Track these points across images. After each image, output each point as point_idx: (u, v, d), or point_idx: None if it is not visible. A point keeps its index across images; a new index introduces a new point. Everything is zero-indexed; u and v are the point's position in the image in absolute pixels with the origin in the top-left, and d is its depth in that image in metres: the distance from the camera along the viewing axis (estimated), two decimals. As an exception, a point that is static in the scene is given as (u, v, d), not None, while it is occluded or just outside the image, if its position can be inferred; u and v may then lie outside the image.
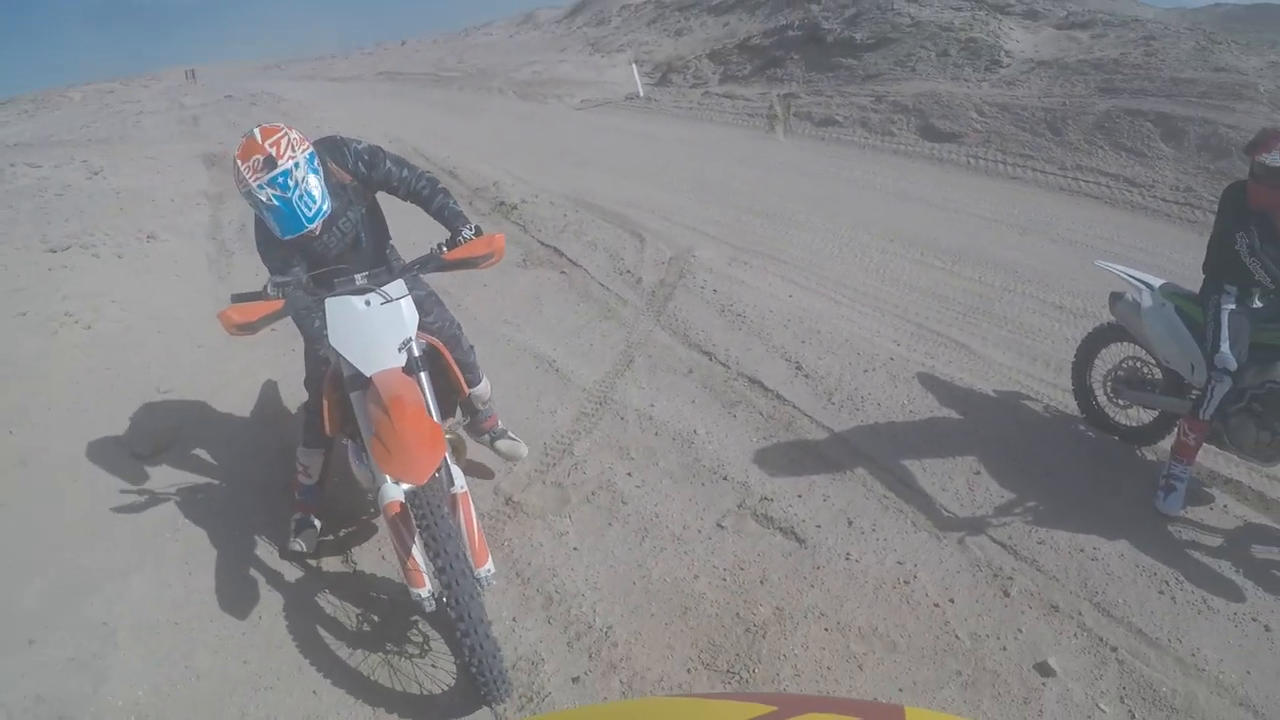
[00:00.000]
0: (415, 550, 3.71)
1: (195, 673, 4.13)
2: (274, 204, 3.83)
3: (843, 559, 4.78)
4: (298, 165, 3.88)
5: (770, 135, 18.68)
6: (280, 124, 4.01)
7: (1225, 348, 4.92)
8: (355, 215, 4.45)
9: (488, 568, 3.80)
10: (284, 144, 3.88)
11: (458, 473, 3.96)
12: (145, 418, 6.20)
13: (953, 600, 4.47)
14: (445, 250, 4.22)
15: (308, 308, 4.17)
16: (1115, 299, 5.81)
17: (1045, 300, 8.37)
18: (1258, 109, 13.79)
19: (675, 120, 21.32)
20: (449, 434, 4.27)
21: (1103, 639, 4.22)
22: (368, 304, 4.05)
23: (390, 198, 4.59)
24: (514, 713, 3.83)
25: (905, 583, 4.60)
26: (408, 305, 4.17)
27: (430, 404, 4.03)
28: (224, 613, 4.49)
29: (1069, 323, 7.77)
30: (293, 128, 4.00)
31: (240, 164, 3.84)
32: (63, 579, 4.71)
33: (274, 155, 3.82)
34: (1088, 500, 5.28)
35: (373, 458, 3.74)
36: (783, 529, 5.03)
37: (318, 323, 4.50)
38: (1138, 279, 5.67)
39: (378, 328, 4.03)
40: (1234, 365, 4.90)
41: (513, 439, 5.52)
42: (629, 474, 5.59)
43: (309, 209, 3.92)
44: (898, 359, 7.04)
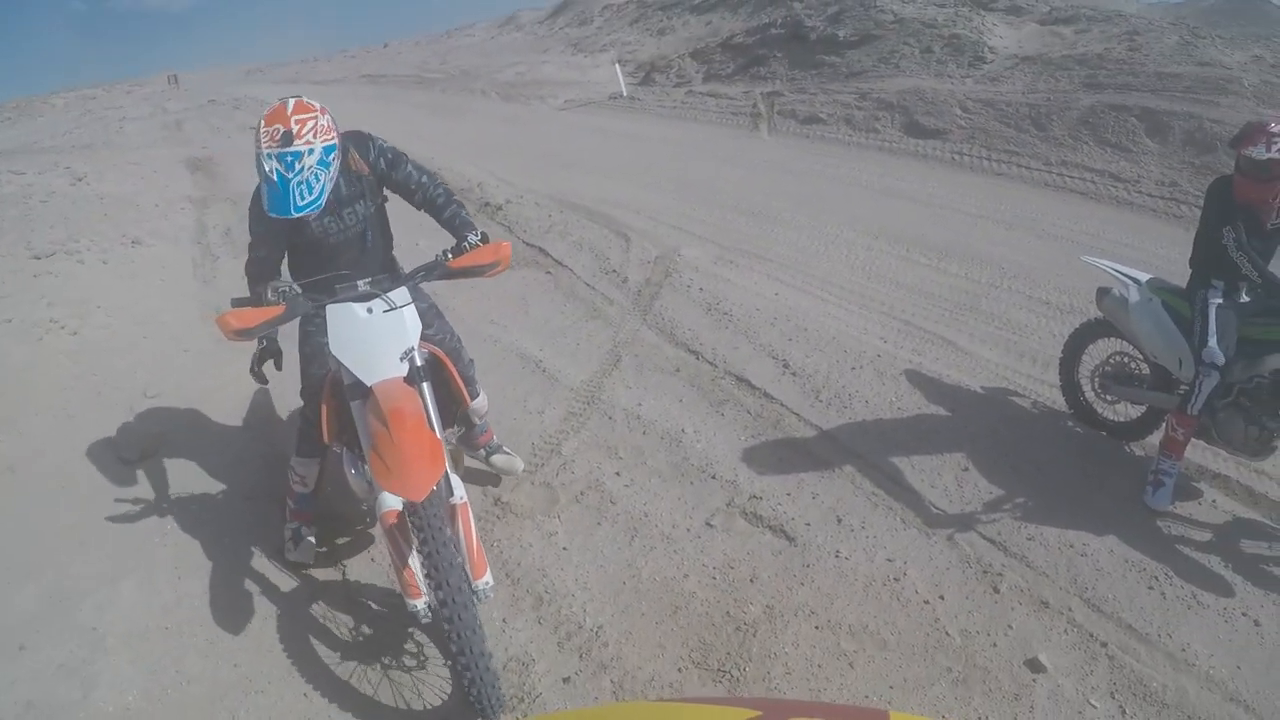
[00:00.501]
0: (412, 561, 3.65)
1: (186, 677, 4.10)
2: (273, 178, 3.75)
3: (832, 557, 4.78)
4: (311, 152, 3.79)
5: (754, 133, 18.71)
6: (317, 104, 3.92)
7: (1213, 342, 4.93)
8: (363, 209, 4.38)
9: (486, 580, 3.72)
10: (309, 126, 3.82)
11: (457, 483, 3.87)
12: (132, 423, 6.15)
13: (943, 597, 4.47)
14: (450, 257, 4.15)
15: (308, 314, 4.12)
16: (1102, 294, 5.82)
17: (1032, 296, 8.39)
18: (1242, 103, 13.85)
19: (659, 120, 21.34)
20: (448, 445, 4.20)
21: (1093, 634, 4.22)
22: (370, 311, 3.98)
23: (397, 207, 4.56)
24: (506, 721, 3.81)
25: (895, 580, 4.60)
26: (411, 313, 4.08)
27: (432, 415, 3.95)
28: (214, 618, 4.46)
29: (1056, 318, 7.79)
30: (326, 111, 3.92)
31: (262, 126, 3.81)
32: (52, 585, 4.68)
33: (293, 134, 3.76)
34: (1077, 496, 5.29)
35: (371, 472, 3.66)
36: (772, 527, 5.03)
37: (310, 328, 4.48)
38: (1124, 274, 5.68)
39: (380, 336, 3.95)
40: (1221, 360, 4.91)
41: (508, 454, 5.45)
42: (617, 473, 5.58)
43: (302, 198, 3.78)
44: (885, 356, 7.04)
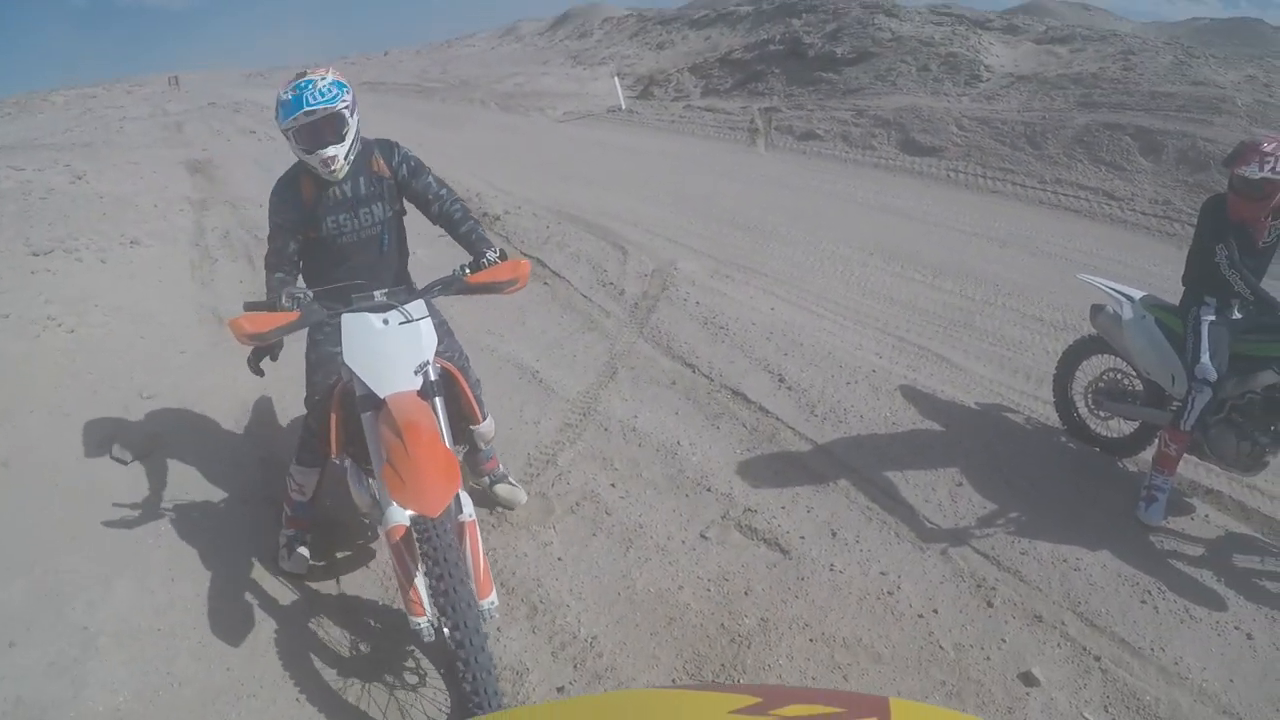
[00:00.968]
0: (417, 578, 3.59)
1: (177, 679, 4.08)
2: (287, 97, 4.02)
3: (827, 570, 4.78)
4: (322, 79, 4.07)
5: (752, 148, 18.76)
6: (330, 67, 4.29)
7: (1205, 359, 4.97)
8: (380, 212, 4.43)
9: (491, 600, 3.65)
10: (321, 71, 4.17)
11: (466, 500, 3.82)
12: (128, 423, 6.13)
13: (936, 611, 4.48)
14: (468, 273, 4.16)
15: (322, 322, 4.09)
16: (1096, 311, 5.85)
17: (1026, 313, 8.43)
18: (1235, 122, 13.93)
19: (657, 133, 21.39)
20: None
21: (1086, 648, 4.24)
22: (385, 322, 3.96)
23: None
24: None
25: (889, 593, 4.61)
26: (427, 327, 4.06)
27: (444, 431, 3.92)
28: (207, 621, 4.43)
29: (1050, 335, 7.83)
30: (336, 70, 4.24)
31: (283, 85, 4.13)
32: (44, 583, 4.65)
33: (305, 73, 4.13)
34: (1070, 511, 5.31)
35: (385, 485, 3.61)
36: (767, 540, 5.04)
37: (319, 336, 4.48)
38: (1118, 291, 5.71)
39: (395, 348, 3.93)
40: (1214, 376, 4.95)
41: (512, 484, 5.36)
42: (613, 485, 5.58)
43: (314, 99, 4.00)
44: (880, 371, 7.06)
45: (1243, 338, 5.09)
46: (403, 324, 3.98)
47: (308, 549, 4.83)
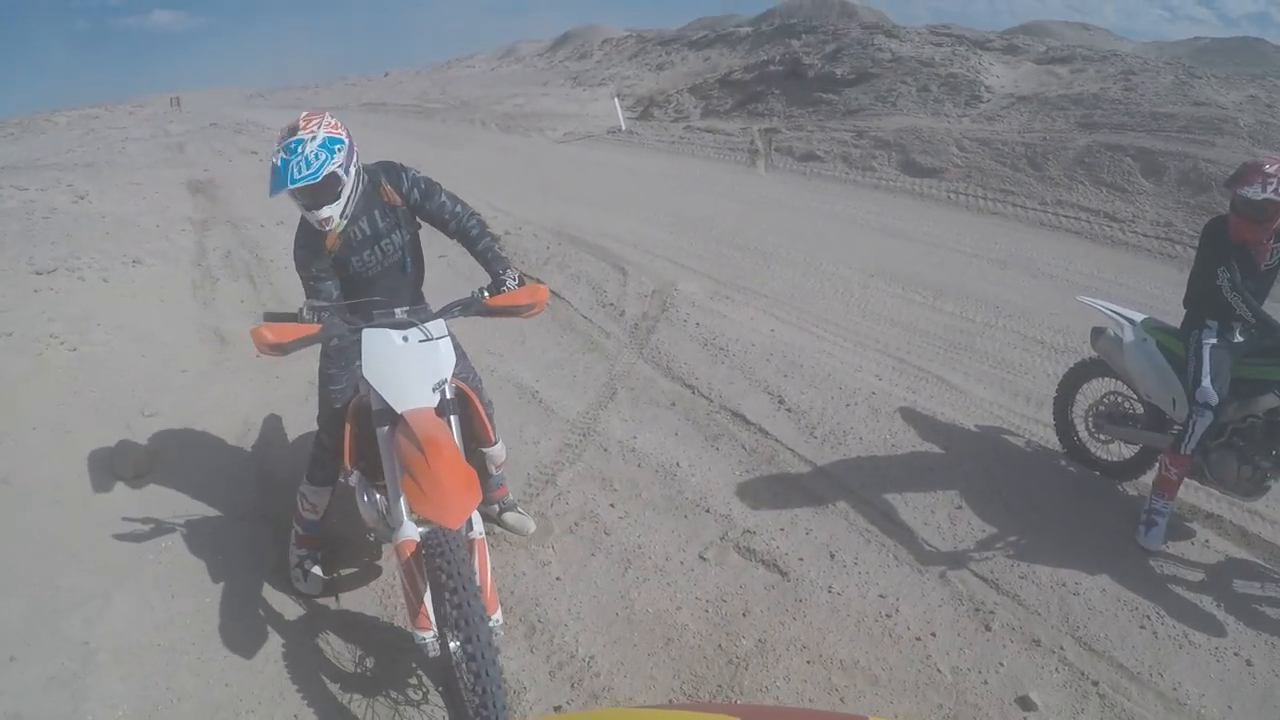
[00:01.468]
0: (426, 593, 3.59)
1: (177, 694, 4.08)
2: (276, 163, 3.89)
3: (825, 592, 4.77)
4: (313, 139, 3.91)
5: (751, 169, 18.83)
6: (326, 112, 4.13)
7: (1207, 382, 4.96)
8: (400, 239, 4.42)
9: (497, 617, 3.63)
10: (314, 123, 3.99)
11: (477, 518, 3.85)
12: (129, 441, 6.14)
13: (934, 634, 4.47)
14: (488, 295, 4.18)
15: (343, 336, 4.05)
16: (1097, 334, 5.85)
17: (1026, 335, 8.43)
18: (1238, 143, 13.99)
19: (657, 154, 21.47)
20: None
21: (1084, 673, 4.22)
22: (405, 340, 3.99)
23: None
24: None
25: (887, 616, 4.59)
26: (447, 346, 4.08)
27: (460, 449, 3.91)
28: (206, 636, 4.44)
29: (1050, 358, 7.83)
30: (335, 116, 4.13)
31: (277, 136, 4.00)
32: (44, 598, 4.66)
33: (298, 128, 3.94)
34: (1069, 535, 5.29)
35: (405, 496, 3.63)
36: (765, 562, 5.03)
37: (332, 350, 4.45)
38: (1119, 314, 5.71)
39: (414, 364, 3.95)
40: (1215, 400, 4.94)
41: (520, 513, 5.33)
42: (612, 505, 5.58)
43: (299, 173, 3.85)
44: (880, 393, 7.06)
45: (1244, 361, 5.09)
46: (422, 342, 4.00)
47: (321, 568, 4.83)
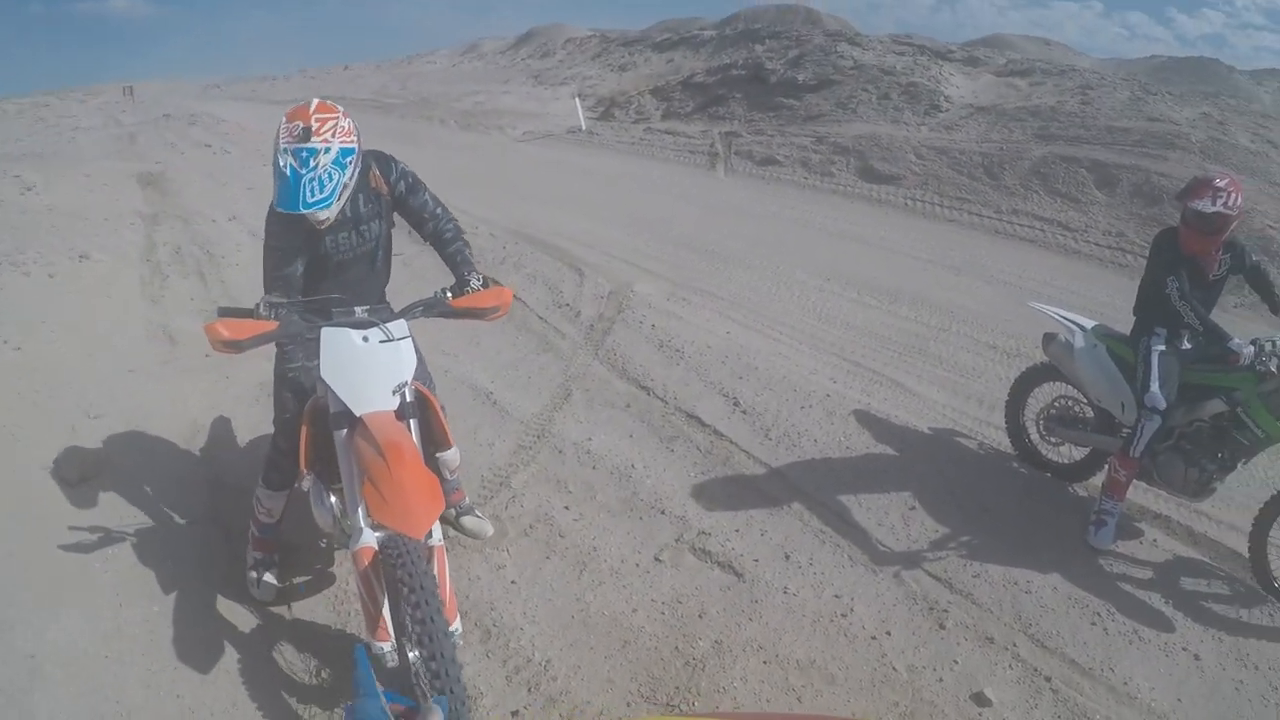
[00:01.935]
0: (385, 602, 3.49)
1: (126, 708, 3.99)
2: (285, 173, 3.66)
3: (781, 593, 4.78)
4: (327, 151, 3.71)
5: (711, 173, 18.85)
6: (340, 107, 3.87)
7: (1155, 387, 5.05)
8: (379, 229, 4.31)
9: (456, 626, 3.59)
10: (328, 126, 3.75)
11: (436, 525, 3.70)
12: (75, 443, 6.01)
13: (889, 633, 4.50)
14: (451, 296, 4.11)
15: (301, 334, 3.94)
16: (1048, 340, 5.92)
17: (979, 340, 8.52)
18: (1189, 158, 14.22)
19: (617, 155, 21.44)
20: None
21: (1037, 669, 4.27)
22: (366, 340, 3.87)
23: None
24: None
25: (843, 616, 4.62)
26: (408, 347, 3.99)
27: (420, 454, 3.81)
28: (157, 647, 4.33)
29: (1002, 362, 7.91)
30: (348, 115, 3.86)
31: (283, 123, 3.75)
32: (-13, 609, 4.56)
33: (311, 130, 3.70)
34: (1021, 535, 5.36)
35: (366, 504, 3.51)
36: (721, 563, 5.03)
37: (290, 347, 4.36)
38: (1070, 320, 5.79)
39: (374, 366, 3.84)
40: (1164, 404, 5.03)
41: (478, 517, 5.26)
42: (567, 507, 5.55)
43: (312, 195, 3.67)
44: (835, 396, 7.09)
45: (1192, 367, 5.19)
46: (383, 342, 3.90)
47: (275, 575, 4.72)
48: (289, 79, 65.09)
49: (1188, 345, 5.28)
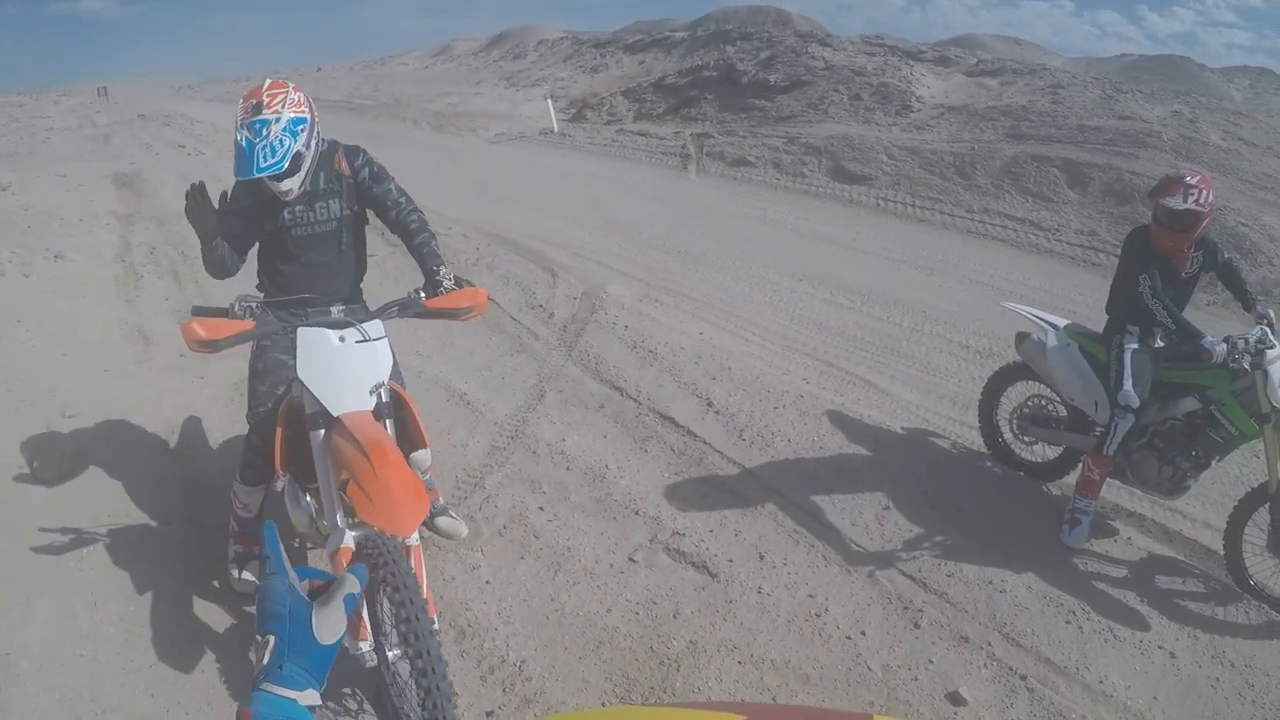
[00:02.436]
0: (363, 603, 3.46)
1: (102, 706, 3.96)
2: (241, 143, 3.90)
3: (755, 593, 4.77)
4: (278, 120, 3.93)
5: (683, 174, 18.86)
6: (291, 84, 4.14)
7: (1128, 386, 5.06)
8: (338, 209, 4.39)
9: (434, 625, 3.50)
10: (279, 99, 3.99)
11: None
12: (49, 442, 5.99)
13: (864, 632, 4.49)
14: (425, 296, 4.10)
15: (277, 334, 4.00)
16: (1021, 339, 5.93)
17: (952, 340, 8.54)
18: (1161, 156, 14.30)
19: (589, 156, 21.42)
20: None
21: (1012, 668, 4.27)
22: (342, 340, 3.88)
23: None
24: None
25: (817, 615, 4.60)
26: (384, 347, 3.99)
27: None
28: (132, 645, 4.30)
29: (975, 362, 7.93)
30: (300, 90, 4.14)
31: (240, 103, 4.02)
32: (-41, 608, 4.50)
33: (263, 104, 3.94)
34: (995, 534, 5.36)
35: (352, 504, 3.48)
36: (695, 563, 5.01)
37: (266, 342, 4.36)
38: (1043, 319, 5.80)
39: (351, 366, 3.84)
40: (1136, 403, 5.03)
41: (453, 517, 5.23)
42: (541, 508, 5.53)
43: (265, 160, 3.88)
44: (808, 396, 7.09)
45: (1164, 365, 5.20)
46: (359, 343, 3.91)
47: (254, 570, 4.68)
48: (262, 80, 64.83)
49: (1160, 343, 5.29)
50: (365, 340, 3.92)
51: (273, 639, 1.37)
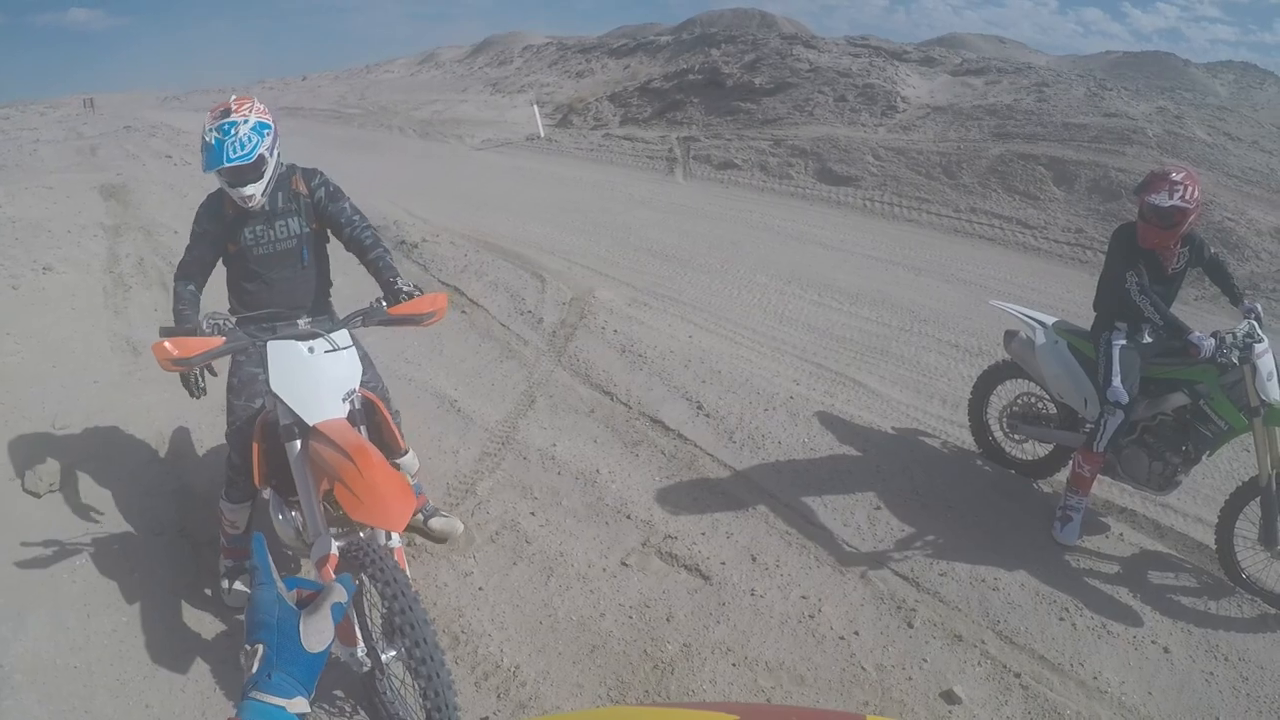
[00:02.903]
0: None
1: (96, 717, 3.96)
2: (210, 141, 4.24)
3: (748, 595, 4.77)
4: (245, 122, 4.28)
5: (670, 177, 18.85)
6: (253, 97, 4.54)
7: (1117, 382, 5.05)
8: (297, 225, 4.58)
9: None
10: (245, 107, 4.36)
11: None
12: (40, 454, 5.95)
13: (858, 633, 4.49)
14: (387, 304, 4.15)
15: (247, 349, 4.01)
16: (1009, 337, 5.94)
17: (941, 339, 8.55)
18: (1146, 153, 14.35)
19: (576, 161, 21.40)
20: None
21: (1006, 666, 4.28)
22: (311, 350, 3.91)
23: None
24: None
25: (810, 617, 4.60)
26: (352, 356, 4.05)
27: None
28: (125, 656, 4.31)
29: (964, 361, 7.94)
30: (263, 103, 4.53)
31: (207, 115, 4.38)
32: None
33: (231, 110, 4.32)
34: (987, 532, 5.37)
35: (336, 510, 3.56)
36: (687, 566, 5.01)
37: (241, 358, 4.42)
38: (1031, 317, 5.80)
39: (323, 375, 3.88)
40: (1126, 399, 5.03)
41: (445, 516, 5.28)
42: (533, 513, 5.53)
43: (234, 152, 4.20)
44: (797, 398, 7.09)
45: (1153, 361, 5.20)
46: (329, 352, 3.94)
47: (245, 582, 4.66)
48: (248, 90, 64.61)
49: (1149, 339, 5.30)
50: (334, 350, 3.97)
51: (261, 648, 1.40)
